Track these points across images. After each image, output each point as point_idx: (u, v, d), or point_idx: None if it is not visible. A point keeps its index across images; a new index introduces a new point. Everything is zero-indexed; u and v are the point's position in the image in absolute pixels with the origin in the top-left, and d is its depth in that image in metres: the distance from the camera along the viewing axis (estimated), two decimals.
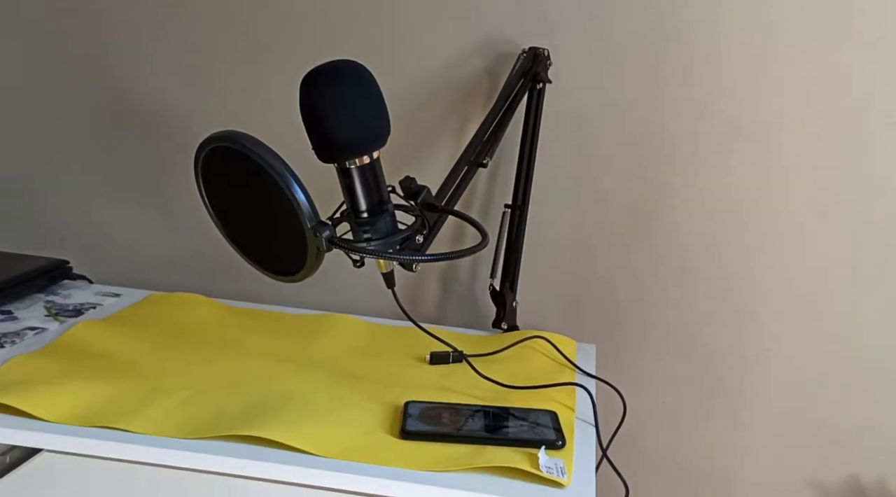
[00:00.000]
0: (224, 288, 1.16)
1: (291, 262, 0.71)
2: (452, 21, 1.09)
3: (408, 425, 0.73)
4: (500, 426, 0.75)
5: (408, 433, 0.72)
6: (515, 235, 1.06)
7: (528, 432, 0.74)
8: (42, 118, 1.25)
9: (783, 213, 1.08)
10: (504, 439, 0.73)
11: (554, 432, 0.75)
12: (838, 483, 1.17)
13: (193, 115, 1.19)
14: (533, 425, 0.76)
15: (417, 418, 0.75)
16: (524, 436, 0.74)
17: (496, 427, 0.75)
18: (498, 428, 0.75)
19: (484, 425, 0.75)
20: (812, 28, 1.02)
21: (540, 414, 0.79)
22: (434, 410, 0.77)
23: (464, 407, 0.79)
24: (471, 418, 0.76)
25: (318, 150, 0.67)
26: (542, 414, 0.79)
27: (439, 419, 0.75)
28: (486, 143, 0.92)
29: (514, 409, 0.80)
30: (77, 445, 0.70)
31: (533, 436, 0.74)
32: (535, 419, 0.77)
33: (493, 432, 0.74)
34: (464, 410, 0.78)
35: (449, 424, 0.74)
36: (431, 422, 0.74)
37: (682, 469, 1.21)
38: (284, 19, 1.13)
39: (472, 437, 0.73)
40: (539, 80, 1.01)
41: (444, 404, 0.79)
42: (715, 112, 1.07)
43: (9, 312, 1.01)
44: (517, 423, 0.76)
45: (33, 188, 1.28)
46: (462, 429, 0.74)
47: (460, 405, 0.80)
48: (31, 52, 1.22)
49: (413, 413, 0.76)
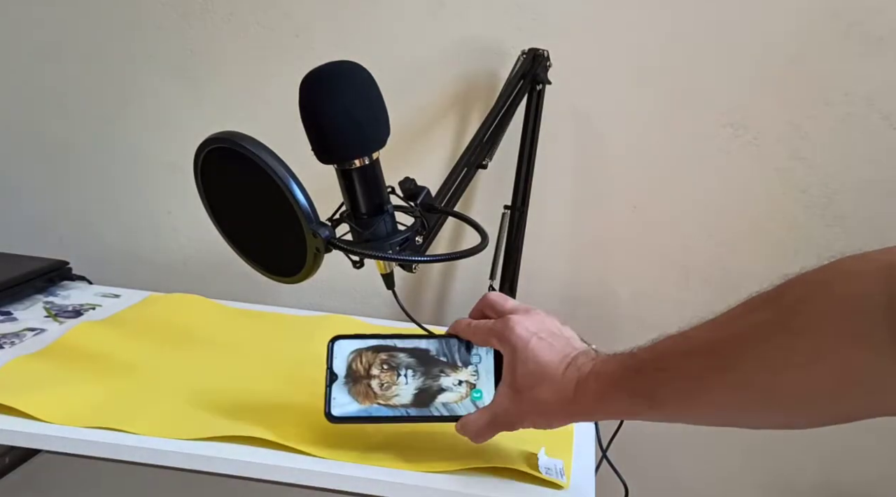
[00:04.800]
0: (223, 289, 1.16)
1: (291, 263, 0.71)
2: (452, 22, 1.09)
3: (332, 407, 0.65)
4: (434, 389, 0.66)
5: (335, 417, 0.65)
6: (515, 236, 1.06)
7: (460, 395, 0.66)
8: (42, 118, 1.24)
9: (783, 213, 1.08)
10: (438, 416, 0.66)
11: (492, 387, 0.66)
12: (838, 483, 1.17)
13: (193, 116, 1.19)
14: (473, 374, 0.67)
15: (344, 383, 0.66)
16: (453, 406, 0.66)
17: (428, 391, 0.66)
18: (432, 392, 0.66)
19: (416, 392, 0.66)
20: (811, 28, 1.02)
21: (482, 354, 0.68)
22: (363, 360, 0.67)
23: (397, 351, 0.69)
24: (404, 376, 0.67)
25: (317, 151, 0.66)
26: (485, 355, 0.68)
27: (368, 377, 0.67)
28: (486, 144, 0.92)
29: (451, 352, 0.68)
30: (76, 446, 0.70)
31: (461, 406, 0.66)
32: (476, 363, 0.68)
33: (426, 402, 0.66)
34: (396, 359, 0.68)
35: (379, 390, 0.66)
36: (359, 388, 0.66)
37: (682, 469, 1.21)
38: (284, 19, 1.13)
39: (401, 416, 0.66)
40: (539, 81, 1.01)
41: (375, 346, 0.68)
42: (715, 112, 1.07)
43: (8, 313, 1.01)
44: (453, 379, 0.67)
45: (33, 188, 1.28)
46: (391, 399, 0.66)
47: (393, 347, 0.69)
48: (31, 52, 1.22)
49: (339, 370, 0.67)
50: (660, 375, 0.52)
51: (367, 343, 0.69)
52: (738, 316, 0.47)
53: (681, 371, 0.50)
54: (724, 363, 0.46)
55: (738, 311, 0.47)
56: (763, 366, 0.44)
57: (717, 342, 0.47)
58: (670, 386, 0.51)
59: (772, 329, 0.43)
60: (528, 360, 0.61)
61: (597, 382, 0.56)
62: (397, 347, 0.69)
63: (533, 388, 0.60)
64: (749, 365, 0.44)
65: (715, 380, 0.47)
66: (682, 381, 0.50)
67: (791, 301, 0.43)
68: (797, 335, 0.41)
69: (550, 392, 0.59)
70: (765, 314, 0.44)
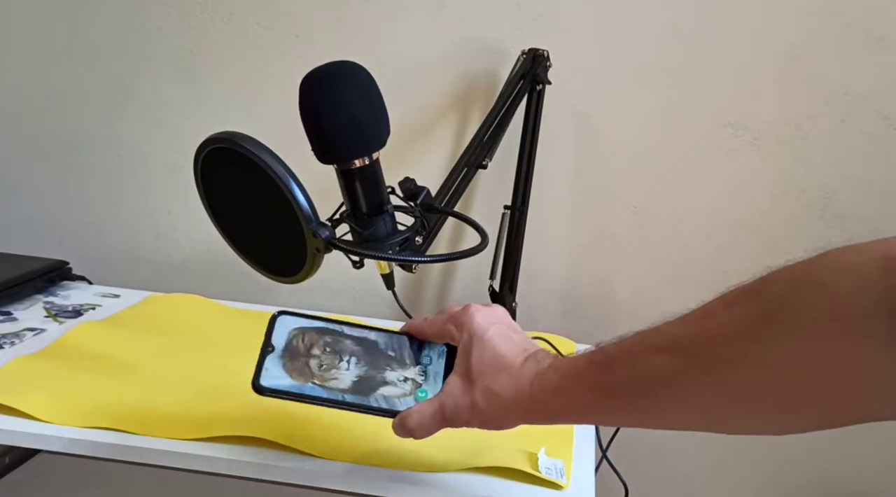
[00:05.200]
0: (223, 289, 1.16)
1: (291, 263, 0.71)
2: (452, 22, 1.09)
3: (262, 377, 0.59)
4: (377, 380, 0.61)
5: (263, 388, 0.58)
6: (515, 236, 1.05)
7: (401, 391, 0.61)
8: (42, 118, 1.24)
9: (782, 213, 1.08)
10: (376, 407, 0.60)
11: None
12: (839, 483, 1.17)
13: (193, 116, 1.19)
14: (421, 373, 0.62)
15: (280, 356, 0.60)
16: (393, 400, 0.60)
17: (370, 381, 0.61)
18: (374, 382, 0.61)
19: (356, 380, 0.60)
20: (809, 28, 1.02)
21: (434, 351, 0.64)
22: (305, 339, 0.62)
23: (343, 337, 0.63)
24: (346, 361, 0.61)
25: (317, 151, 0.66)
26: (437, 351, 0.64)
27: (308, 356, 0.61)
28: (486, 144, 0.92)
29: (401, 349, 0.64)
30: (76, 446, 0.70)
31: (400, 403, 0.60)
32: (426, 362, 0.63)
33: (366, 391, 0.60)
34: (341, 345, 0.62)
35: (317, 371, 0.60)
36: (295, 364, 0.60)
37: (682, 469, 1.21)
38: (284, 19, 1.13)
39: (336, 400, 0.59)
40: (539, 81, 1.01)
41: (320, 328, 0.63)
42: (715, 112, 1.07)
43: (8, 313, 1.01)
44: (399, 375, 0.62)
45: (33, 188, 1.28)
46: (329, 382, 0.60)
47: (340, 332, 0.63)
48: (31, 52, 1.22)
49: (277, 343, 0.61)
50: (627, 372, 0.47)
51: (313, 324, 0.63)
52: (715, 310, 0.43)
53: (650, 368, 0.45)
54: (697, 362, 0.43)
55: (715, 305, 0.43)
56: (741, 366, 0.40)
57: (691, 338, 0.43)
58: (638, 384, 0.46)
59: (753, 325, 0.40)
60: (486, 348, 0.56)
61: (557, 376, 0.51)
62: (344, 333, 0.63)
63: (487, 378, 0.55)
64: (726, 364, 0.41)
65: (688, 379, 0.43)
66: (651, 380, 0.45)
67: (775, 296, 0.39)
68: (782, 333, 0.38)
69: (505, 383, 0.54)
70: (745, 309, 0.40)
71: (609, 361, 0.48)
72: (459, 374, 0.57)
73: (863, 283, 0.35)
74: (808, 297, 0.37)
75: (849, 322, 0.35)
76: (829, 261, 0.38)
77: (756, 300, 0.40)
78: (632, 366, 0.46)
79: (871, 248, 0.36)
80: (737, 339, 0.40)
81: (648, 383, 0.45)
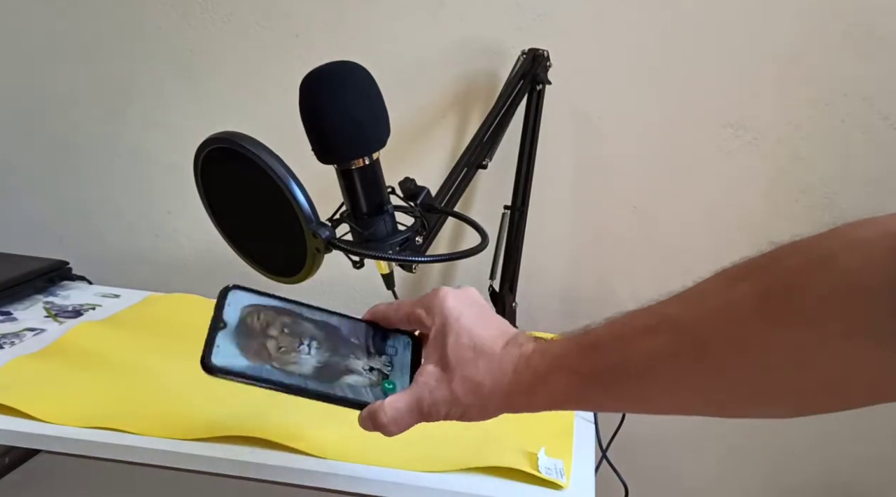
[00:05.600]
0: None
1: (291, 263, 0.71)
2: (452, 22, 1.09)
3: (214, 355, 0.52)
4: (341, 368, 0.55)
5: (215, 368, 0.51)
6: (515, 236, 1.05)
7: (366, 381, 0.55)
8: (42, 118, 1.24)
9: (782, 213, 1.08)
10: (341, 397, 0.54)
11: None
12: (839, 483, 1.17)
13: (193, 116, 1.19)
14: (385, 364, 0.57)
15: (234, 334, 0.53)
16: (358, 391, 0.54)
17: (334, 368, 0.55)
18: (338, 370, 0.55)
19: (319, 366, 0.54)
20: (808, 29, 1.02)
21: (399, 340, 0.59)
22: (260, 317, 0.55)
23: (303, 320, 0.57)
24: (307, 345, 0.55)
25: (317, 151, 0.66)
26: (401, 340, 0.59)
27: (265, 336, 0.54)
28: (486, 144, 0.92)
29: (365, 338, 0.58)
30: (76, 446, 0.70)
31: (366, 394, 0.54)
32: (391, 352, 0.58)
33: (330, 379, 0.54)
34: (301, 327, 0.56)
35: (275, 353, 0.53)
36: (251, 344, 0.53)
37: (682, 469, 1.21)
38: (284, 19, 1.13)
39: (298, 386, 0.53)
40: (539, 81, 1.01)
41: (278, 307, 0.56)
42: (715, 112, 1.07)
43: (8, 313, 1.01)
44: (363, 364, 0.56)
45: (33, 188, 1.28)
46: (289, 365, 0.53)
47: (299, 314, 0.57)
48: (31, 52, 1.22)
49: (229, 319, 0.54)
50: (617, 354, 0.43)
51: (270, 302, 0.56)
52: (715, 289, 0.39)
53: (641, 351, 0.41)
54: (693, 346, 0.39)
55: (715, 283, 0.39)
56: (740, 352, 0.36)
57: (686, 320, 0.40)
58: (628, 367, 0.42)
59: (755, 308, 0.36)
60: (461, 333, 0.50)
61: (542, 359, 0.47)
62: (304, 316, 0.57)
63: (465, 366, 0.49)
64: (723, 350, 0.37)
65: (680, 364, 0.40)
66: (641, 363, 0.41)
67: (783, 275, 0.35)
68: (790, 317, 0.34)
69: (486, 370, 0.49)
70: (749, 288, 0.37)
71: (597, 344, 0.45)
72: (434, 363, 0.52)
73: (877, 259, 0.32)
74: (820, 278, 0.33)
75: (861, 304, 0.32)
76: (844, 236, 0.35)
77: (761, 279, 0.36)
78: (622, 349, 0.43)
79: (887, 221, 0.33)
80: (737, 323, 0.37)
81: (639, 367, 0.42)
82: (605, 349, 0.44)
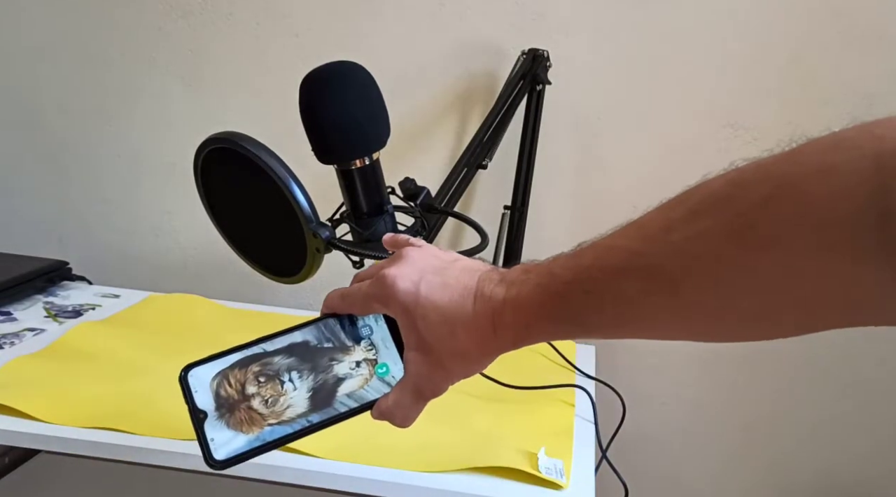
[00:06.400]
0: (223, 289, 1.16)
1: (291, 263, 0.71)
2: (452, 22, 1.09)
3: (214, 451, 0.50)
4: (331, 383, 0.54)
5: (220, 462, 0.50)
6: (515, 236, 1.05)
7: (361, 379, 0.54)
8: (42, 118, 1.24)
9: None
10: (348, 411, 0.54)
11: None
12: (837, 482, 1.17)
13: (193, 116, 1.19)
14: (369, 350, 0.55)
15: (217, 416, 0.51)
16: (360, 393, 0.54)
17: (325, 388, 0.53)
18: (330, 386, 0.54)
19: (311, 394, 0.53)
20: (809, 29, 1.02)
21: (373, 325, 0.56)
22: (231, 382, 0.53)
23: (269, 357, 0.54)
24: (289, 381, 0.53)
25: (317, 151, 0.66)
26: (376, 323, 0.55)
27: (245, 399, 0.52)
28: (486, 144, 0.92)
29: (335, 334, 0.56)
30: (76, 446, 0.70)
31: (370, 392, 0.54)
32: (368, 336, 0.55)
33: (328, 401, 0.53)
34: (272, 366, 0.54)
35: (265, 410, 0.52)
36: (238, 416, 0.51)
37: (682, 469, 1.21)
38: (284, 19, 1.13)
39: (303, 429, 0.53)
40: (539, 81, 1.01)
41: (239, 360, 0.53)
42: (715, 112, 1.07)
43: (8, 313, 1.01)
44: (349, 363, 0.55)
45: (33, 188, 1.28)
46: (284, 414, 0.52)
47: (262, 353, 0.54)
48: (31, 52, 1.22)
49: (205, 406, 0.51)
50: (588, 299, 0.43)
51: (230, 360, 0.54)
52: (678, 222, 0.38)
53: (612, 295, 0.41)
54: (665, 286, 0.38)
55: (677, 214, 0.38)
56: (714, 287, 0.36)
57: (654, 260, 0.39)
58: (602, 311, 0.42)
59: (725, 242, 0.35)
60: (428, 313, 0.49)
61: (515, 314, 0.47)
62: (267, 352, 0.54)
63: (446, 342, 0.49)
64: (697, 288, 0.37)
65: (655, 304, 0.39)
66: (615, 306, 0.41)
67: (749, 204, 0.35)
68: (759, 250, 0.34)
69: (466, 336, 0.48)
70: (714, 221, 0.36)
71: (566, 291, 0.44)
72: (415, 349, 0.51)
73: (850, 187, 0.31)
74: (787, 206, 0.33)
75: (835, 233, 0.31)
76: (809, 157, 0.34)
77: (726, 210, 0.36)
78: (591, 293, 0.43)
79: (859, 141, 0.32)
80: (707, 258, 0.36)
81: (612, 310, 0.42)
82: (575, 296, 0.44)
